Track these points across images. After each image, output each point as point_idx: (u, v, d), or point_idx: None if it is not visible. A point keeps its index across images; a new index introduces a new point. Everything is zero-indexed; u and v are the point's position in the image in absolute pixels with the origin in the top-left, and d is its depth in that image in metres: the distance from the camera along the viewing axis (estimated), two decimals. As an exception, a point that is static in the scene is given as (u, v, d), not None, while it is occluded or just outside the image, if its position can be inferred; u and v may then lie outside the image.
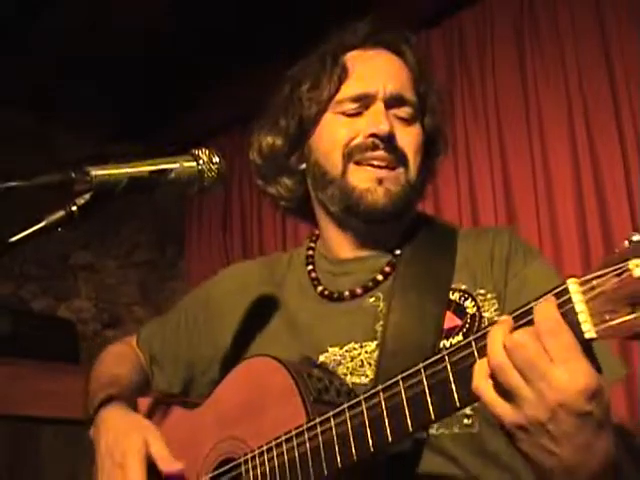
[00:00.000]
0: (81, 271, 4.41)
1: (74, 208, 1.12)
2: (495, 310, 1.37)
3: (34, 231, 1.10)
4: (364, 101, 1.48)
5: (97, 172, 1.12)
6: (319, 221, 1.59)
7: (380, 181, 1.44)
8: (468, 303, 1.39)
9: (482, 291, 1.40)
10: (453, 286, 1.42)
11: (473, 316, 1.36)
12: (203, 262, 4.42)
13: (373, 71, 1.51)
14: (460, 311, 1.38)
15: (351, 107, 1.48)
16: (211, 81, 3.87)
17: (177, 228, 4.73)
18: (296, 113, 1.54)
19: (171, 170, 1.18)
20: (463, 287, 1.41)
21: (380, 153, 1.45)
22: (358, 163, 1.46)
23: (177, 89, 4.06)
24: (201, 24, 3.63)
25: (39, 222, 1.11)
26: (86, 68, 3.89)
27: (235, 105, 3.99)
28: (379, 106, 1.47)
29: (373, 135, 1.45)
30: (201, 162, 1.22)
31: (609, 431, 0.95)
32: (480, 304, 1.38)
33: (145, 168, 1.17)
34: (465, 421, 1.28)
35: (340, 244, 1.54)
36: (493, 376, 0.94)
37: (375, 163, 1.45)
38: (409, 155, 1.48)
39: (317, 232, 1.63)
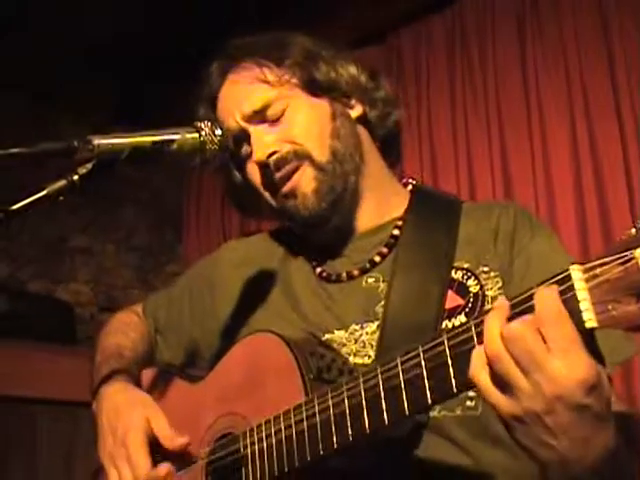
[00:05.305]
0: (79, 254, 4.40)
1: (76, 177, 1.11)
2: (499, 288, 1.34)
3: (35, 199, 1.09)
4: (242, 140, 1.45)
5: (99, 141, 1.11)
6: None
7: (293, 194, 1.42)
8: (471, 282, 1.35)
9: (485, 269, 1.36)
10: (455, 264, 1.38)
11: (476, 295, 1.33)
12: (201, 246, 4.41)
13: (224, 109, 1.49)
14: (463, 290, 1.35)
15: (243, 150, 1.47)
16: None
17: (175, 212, 4.72)
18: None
19: (173, 141, 1.19)
20: (466, 265, 1.38)
21: (278, 175, 1.42)
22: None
23: (177, 72, 4.04)
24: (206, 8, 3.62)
25: (40, 191, 1.10)
26: (84, 50, 3.88)
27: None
28: (250, 135, 1.44)
29: (260, 167, 1.43)
30: (203, 134, 1.22)
31: (609, 425, 0.92)
32: (483, 282, 1.35)
33: (148, 138, 1.17)
34: (468, 403, 1.26)
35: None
36: (490, 365, 0.91)
37: (283, 182, 1.42)
38: (303, 142, 1.42)
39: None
